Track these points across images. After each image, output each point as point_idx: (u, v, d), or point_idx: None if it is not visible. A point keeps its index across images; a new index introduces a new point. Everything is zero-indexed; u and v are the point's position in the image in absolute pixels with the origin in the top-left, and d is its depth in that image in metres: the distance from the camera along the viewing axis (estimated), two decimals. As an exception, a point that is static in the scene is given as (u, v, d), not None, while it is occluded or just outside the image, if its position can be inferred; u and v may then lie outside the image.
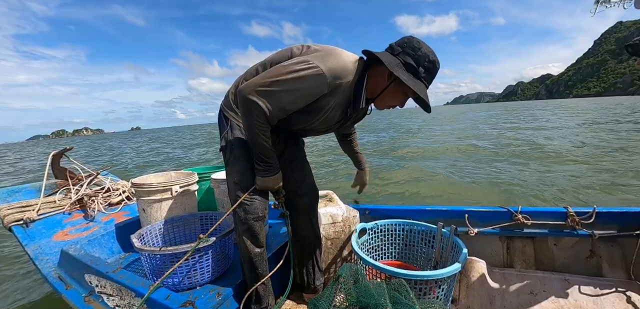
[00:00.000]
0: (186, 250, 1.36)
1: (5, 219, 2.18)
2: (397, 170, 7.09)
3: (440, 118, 31.00)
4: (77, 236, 2.04)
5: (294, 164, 1.47)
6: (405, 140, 13.67)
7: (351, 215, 1.78)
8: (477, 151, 9.19)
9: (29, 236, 2.06)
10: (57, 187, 2.65)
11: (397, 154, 9.68)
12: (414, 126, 23.14)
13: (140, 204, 1.76)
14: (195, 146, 20.01)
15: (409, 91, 1.09)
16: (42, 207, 2.32)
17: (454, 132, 15.90)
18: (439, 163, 7.47)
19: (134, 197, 2.64)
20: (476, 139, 12.17)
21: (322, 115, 1.17)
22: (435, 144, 11.59)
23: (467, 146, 10.25)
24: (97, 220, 2.30)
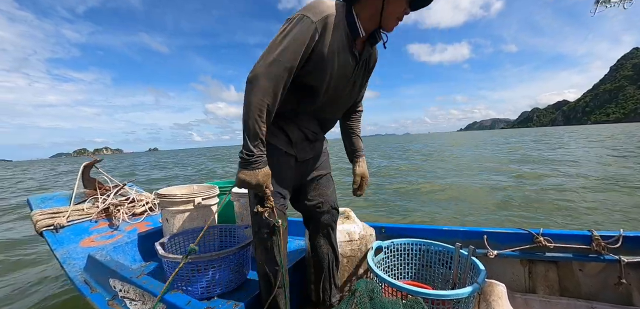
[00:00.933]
0: (205, 259, 1.40)
1: (37, 224, 2.31)
2: (417, 188, 7.01)
3: (459, 145, 30.12)
4: (102, 243, 2.13)
5: (320, 181, 1.44)
6: (426, 165, 13.48)
7: (368, 233, 1.78)
8: (501, 170, 8.97)
9: (58, 241, 2.17)
10: (86, 196, 2.79)
11: (419, 176, 9.54)
12: (432, 150, 22.90)
13: (163, 214, 1.83)
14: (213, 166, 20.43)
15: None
16: (71, 214, 2.44)
17: (476, 158, 15.57)
18: (459, 182, 7.34)
19: (156, 208, 2.73)
20: (503, 164, 11.83)
21: (331, 65, 1.12)
22: (455, 173, 11.38)
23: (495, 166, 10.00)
24: (121, 229, 2.40)
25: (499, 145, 25.54)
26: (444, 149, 23.26)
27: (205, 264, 1.43)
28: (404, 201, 5.98)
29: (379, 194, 7.03)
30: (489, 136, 29.56)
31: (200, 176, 11.92)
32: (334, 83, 1.16)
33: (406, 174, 10.14)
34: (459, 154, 16.84)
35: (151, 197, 2.88)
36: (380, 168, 12.87)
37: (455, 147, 22.94)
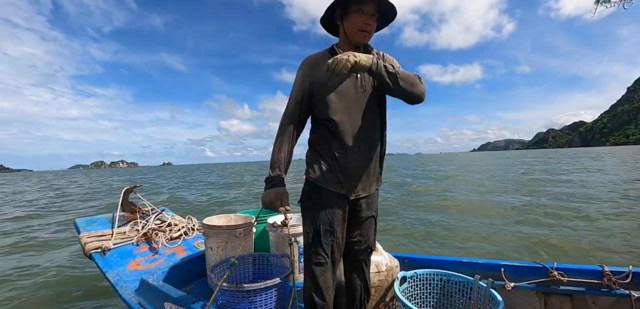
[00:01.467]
0: (254, 288, 1.59)
1: (86, 247, 2.54)
2: (435, 214, 7.09)
3: (472, 166, 29.27)
4: (148, 266, 2.34)
5: (366, 222, 1.49)
6: (442, 186, 13.38)
7: (394, 265, 1.95)
8: (522, 193, 8.95)
9: (107, 263, 2.38)
10: (126, 220, 3.01)
11: (437, 200, 9.56)
12: (448, 171, 22.71)
13: (208, 243, 2.03)
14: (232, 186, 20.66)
15: (348, 3, 1.33)
16: (115, 237, 2.67)
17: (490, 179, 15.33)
18: (475, 211, 7.39)
19: (190, 232, 2.95)
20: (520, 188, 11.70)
21: (325, 88, 1.37)
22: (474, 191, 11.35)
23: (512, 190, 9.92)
24: (162, 253, 2.60)
25: (515, 166, 24.98)
26: (461, 170, 22.81)
27: (253, 292, 1.62)
28: (425, 225, 6.06)
29: (402, 217, 7.13)
30: (507, 158, 28.53)
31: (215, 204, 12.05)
32: (337, 96, 1.37)
33: (425, 195, 10.18)
34: (476, 177, 16.44)
35: (184, 221, 3.09)
36: (400, 184, 12.92)
37: (472, 171, 21.98)
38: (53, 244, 5.63)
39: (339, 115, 1.37)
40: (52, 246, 5.50)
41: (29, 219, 8.86)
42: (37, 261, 4.67)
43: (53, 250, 5.25)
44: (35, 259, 4.80)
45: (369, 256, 1.60)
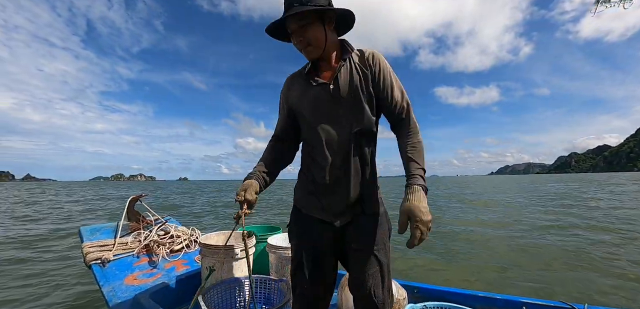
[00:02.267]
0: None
1: (87, 257, 2.49)
2: (457, 238, 6.78)
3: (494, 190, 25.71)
4: (144, 282, 2.26)
5: (357, 256, 1.25)
6: (466, 209, 12.60)
7: (401, 297, 1.77)
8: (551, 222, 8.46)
9: (104, 276, 2.32)
10: (130, 229, 2.97)
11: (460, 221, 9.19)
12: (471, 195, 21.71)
13: (204, 262, 1.93)
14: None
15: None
16: (117, 248, 2.61)
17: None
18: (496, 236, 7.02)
19: (192, 245, 2.86)
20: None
21: (300, 104, 1.28)
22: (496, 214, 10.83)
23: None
24: (160, 266, 2.52)
25: (543, 191, 23.00)
26: (483, 194, 21.07)
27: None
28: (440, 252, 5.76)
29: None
30: (532, 182, 25.49)
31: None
32: (311, 109, 1.25)
33: (443, 222, 9.81)
34: (501, 200, 15.28)
35: (188, 232, 3.01)
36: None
37: (495, 194, 20.42)
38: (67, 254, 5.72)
39: (313, 131, 1.25)
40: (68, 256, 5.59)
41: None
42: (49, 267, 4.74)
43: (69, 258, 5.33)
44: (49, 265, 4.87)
45: (370, 304, 1.23)
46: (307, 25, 1.17)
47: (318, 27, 1.18)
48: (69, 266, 4.65)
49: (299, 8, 1.12)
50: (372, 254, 1.22)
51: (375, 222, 1.25)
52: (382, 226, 1.27)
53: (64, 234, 7.28)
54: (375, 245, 1.22)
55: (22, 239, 6.68)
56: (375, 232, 1.24)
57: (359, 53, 1.28)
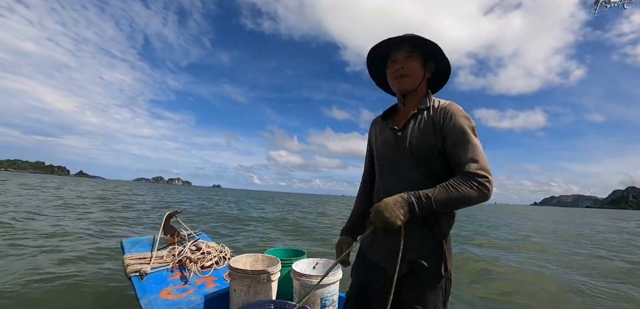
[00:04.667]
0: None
1: (128, 269, 2.70)
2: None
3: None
4: (178, 296, 2.41)
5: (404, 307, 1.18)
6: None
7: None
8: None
9: (142, 288, 2.50)
10: (165, 242, 3.18)
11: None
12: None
13: (232, 284, 2.04)
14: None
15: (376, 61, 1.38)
16: (154, 261, 2.81)
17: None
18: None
19: (222, 262, 3.01)
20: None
21: (376, 142, 1.41)
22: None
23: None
24: (192, 282, 2.67)
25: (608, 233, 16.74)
26: (526, 228, 16.52)
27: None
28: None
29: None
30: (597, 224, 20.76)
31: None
32: (380, 150, 1.36)
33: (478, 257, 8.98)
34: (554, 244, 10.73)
35: (218, 249, 3.17)
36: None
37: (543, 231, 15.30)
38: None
39: (378, 175, 1.38)
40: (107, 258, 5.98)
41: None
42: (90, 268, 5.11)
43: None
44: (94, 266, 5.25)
45: None
46: (413, 57, 1.24)
47: (420, 64, 1.26)
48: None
49: (418, 36, 1.18)
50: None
51: (429, 280, 1.17)
52: (436, 288, 1.17)
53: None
54: (424, 305, 1.16)
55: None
56: (427, 291, 1.17)
57: (436, 104, 1.25)
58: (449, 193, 1.07)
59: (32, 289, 3.87)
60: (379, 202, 1.12)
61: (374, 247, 1.29)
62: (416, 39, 1.21)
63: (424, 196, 1.08)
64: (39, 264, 4.84)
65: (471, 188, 1.07)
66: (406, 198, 1.09)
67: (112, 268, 4.99)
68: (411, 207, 1.08)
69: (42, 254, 5.48)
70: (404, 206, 1.08)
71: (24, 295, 3.71)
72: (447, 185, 1.09)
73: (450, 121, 1.17)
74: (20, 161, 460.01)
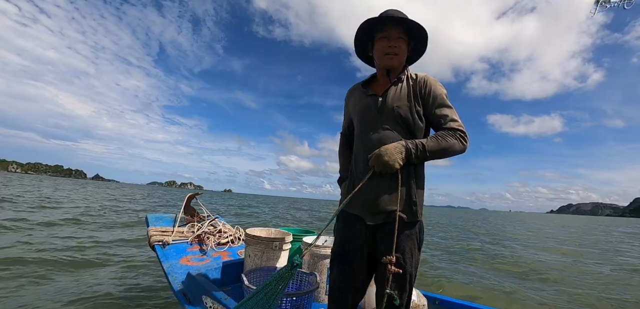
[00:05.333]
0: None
1: (151, 239, 2.93)
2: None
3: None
4: (196, 264, 2.62)
5: (383, 268, 1.22)
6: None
7: (421, 303, 1.89)
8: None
9: (164, 255, 2.73)
10: (186, 221, 3.41)
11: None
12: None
13: (247, 250, 2.23)
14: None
15: (374, 33, 1.42)
16: (175, 234, 3.04)
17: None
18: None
19: (236, 241, 3.21)
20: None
21: (353, 108, 1.50)
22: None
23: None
24: (209, 254, 2.88)
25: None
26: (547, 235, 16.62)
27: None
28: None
29: (449, 259, 6.60)
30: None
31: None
32: (360, 116, 1.45)
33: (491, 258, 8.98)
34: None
35: (233, 230, 3.37)
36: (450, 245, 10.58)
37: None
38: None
39: (358, 137, 1.45)
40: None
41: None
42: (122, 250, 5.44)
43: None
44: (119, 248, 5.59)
45: (389, 305, 1.24)
46: (402, 39, 1.38)
47: (406, 45, 1.41)
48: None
49: (413, 20, 1.34)
50: (401, 265, 1.25)
51: (407, 230, 1.29)
52: (412, 236, 1.30)
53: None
54: (403, 252, 1.26)
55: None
56: (406, 239, 1.28)
57: (414, 76, 1.43)
58: (439, 143, 1.27)
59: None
60: (379, 148, 1.27)
61: (352, 202, 1.34)
62: (410, 23, 1.36)
63: (420, 145, 1.26)
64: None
65: (455, 139, 1.29)
66: (405, 145, 1.25)
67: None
68: (408, 152, 1.25)
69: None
70: (402, 152, 1.24)
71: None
72: (436, 136, 1.29)
73: (430, 89, 1.37)
74: (40, 164, 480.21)
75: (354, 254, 1.36)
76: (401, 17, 1.36)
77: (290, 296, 1.77)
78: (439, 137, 1.29)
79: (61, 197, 16.12)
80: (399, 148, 1.25)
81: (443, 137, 1.28)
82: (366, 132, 1.41)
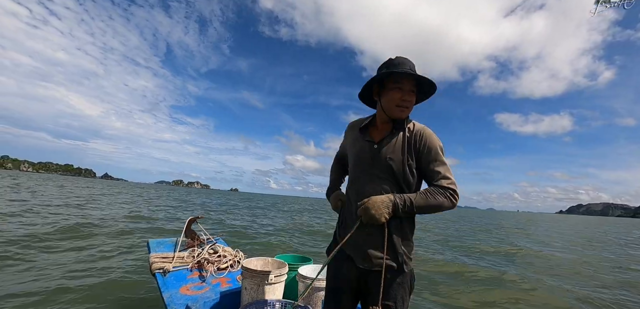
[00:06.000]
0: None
1: (153, 266, 2.99)
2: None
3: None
4: (195, 293, 2.66)
5: (374, 301, 1.32)
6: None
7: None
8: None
9: (165, 284, 2.78)
10: (187, 245, 3.47)
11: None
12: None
13: (244, 282, 2.27)
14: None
15: (385, 80, 1.41)
16: (175, 261, 3.09)
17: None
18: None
19: (236, 265, 3.25)
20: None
21: (351, 148, 1.56)
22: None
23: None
24: (208, 281, 2.93)
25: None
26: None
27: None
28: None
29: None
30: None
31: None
32: (355, 159, 1.50)
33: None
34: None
35: (233, 253, 3.42)
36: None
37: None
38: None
39: (351, 180, 1.52)
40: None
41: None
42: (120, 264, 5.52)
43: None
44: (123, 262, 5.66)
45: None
46: (413, 92, 1.39)
47: (414, 98, 1.42)
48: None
49: (426, 77, 1.35)
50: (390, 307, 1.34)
51: (398, 278, 1.35)
52: (403, 284, 1.36)
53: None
54: (394, 301, 1.33)
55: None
56: (398, 288, 1.35)
57: (412, 127, 1.43)
58: (427, 200, 1.30)
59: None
60: (367, 199, 1.32)
61: (348, 242, 1.39)
62: (423, 80, 1.36)
63: (408, 200, 1.30)
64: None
65: (445, 198, 1.30)
66: (392, 199, 1.30)
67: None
68: (395, 207, 1.29)
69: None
70: (389, 206, 1.29)
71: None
72: (426, 192, 1.32)
73: (426, 143, 1.37)
74: (51, 164, 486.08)
75: (343, 291, 1.45)
76: (418, 75, 1.36)
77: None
78: (429, 194, 1.31)
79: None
80: (387, 202, 1.30)
81: (432, 195, 1.31)
82: (359, 177, 1.46)
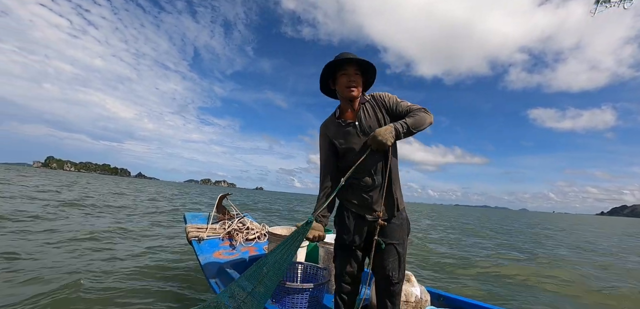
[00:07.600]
0: (297, 287, 1.97)
1: (189, 235, 3.33)
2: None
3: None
4: (227, 257, 2.96)
5: (383, 249, 1.61)
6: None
7: (425, 299, 2.07)
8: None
9: (200, 249, 3.10)
10: (218, 219, 3.79)
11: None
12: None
13: (269, 246, 2.52)
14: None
15: (336, 72, 1.69)
16: (208, 231, 3.41)
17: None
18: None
19: (262, 237, 3.53)
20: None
21: (337, 139, 1.72)
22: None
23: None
24: (238, 249, 3.22)
25: None
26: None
27: (295, 291, 2.00)
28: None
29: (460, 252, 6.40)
30: None
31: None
32: (344, 146, 1.71)
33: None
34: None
35: (260, 227, 3.70)
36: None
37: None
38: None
39: (344, 161, 1.73)
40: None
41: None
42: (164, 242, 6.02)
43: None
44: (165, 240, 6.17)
45: (390, 287, 1.64)
46: (358, 74, 1.69)
47: (360, 78, 1.72)
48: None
49: (365, 60, 1.65)
50: (395, 249, 1.65)
51: (398, 222, 1.67)
52: (402, 226, 1.70)
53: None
54: (397, 240, 1.66)
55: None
56: (398, 230, 1.67)
57: (370, 97, 1.77)
58: (415, 119, 1.63)
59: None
60: (375, 130, 1.60)
61: (351, 201, 1.70)
62: (361, 61, 1.66)
63: (404, 124, 1.61)
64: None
65: (425, 113, 1.67)
66: (394, 126, 1.60)
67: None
68: (397, 132, 1.59)
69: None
70: (392, 132, 1.59)
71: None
72: (412, 115, 1.66)
73: (386, 97, 1.74)
74: (90, 163, 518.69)
75: (355, 245, 1.69)
76: (355, 57, 1.65)
77: (308, 288, 2.03)
78: (414, 114, 1.66)
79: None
80: (390, 129, 1.60)
81: (417, 113, 1.66)
82: (353, 155, 1.68)
